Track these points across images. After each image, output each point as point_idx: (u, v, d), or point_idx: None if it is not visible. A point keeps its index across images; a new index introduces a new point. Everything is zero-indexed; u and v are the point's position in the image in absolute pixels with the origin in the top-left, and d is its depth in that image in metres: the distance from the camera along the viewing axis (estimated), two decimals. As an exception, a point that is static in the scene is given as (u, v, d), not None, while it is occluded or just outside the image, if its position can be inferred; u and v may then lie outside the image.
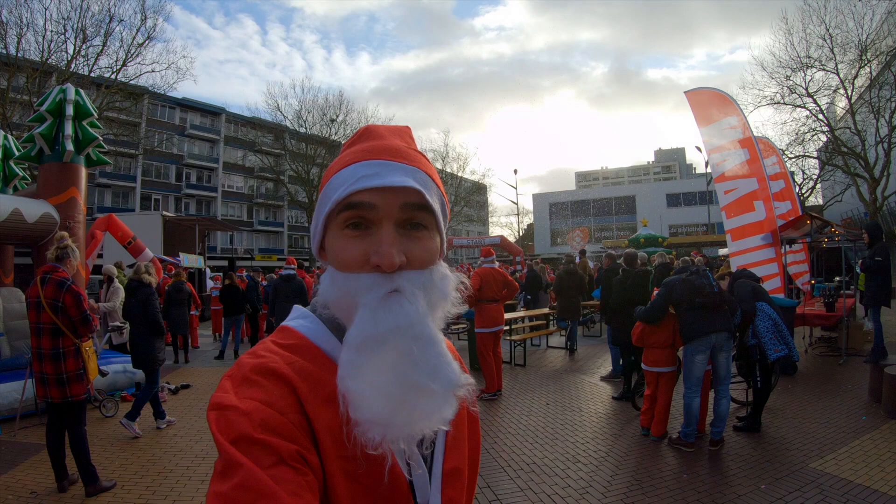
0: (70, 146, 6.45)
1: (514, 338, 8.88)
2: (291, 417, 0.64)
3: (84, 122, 6.79)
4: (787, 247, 11.73)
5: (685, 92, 10.56)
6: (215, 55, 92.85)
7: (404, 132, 0.82)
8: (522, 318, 10.81)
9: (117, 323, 6.95)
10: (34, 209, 6.17)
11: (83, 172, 6.82)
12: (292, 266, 8.90)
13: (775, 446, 4.86)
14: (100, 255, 12.03)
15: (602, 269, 8.05)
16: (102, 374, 5.94)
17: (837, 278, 9.57)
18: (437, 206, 0.75)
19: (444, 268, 0.77)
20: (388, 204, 0.70)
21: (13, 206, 5.95)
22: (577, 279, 9.74)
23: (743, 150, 9.84)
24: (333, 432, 0.67)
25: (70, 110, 6.58)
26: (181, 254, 15.72)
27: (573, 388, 7.28)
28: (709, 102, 10.39)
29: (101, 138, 6.95)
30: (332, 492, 0.67)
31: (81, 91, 6.93)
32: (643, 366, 5.25)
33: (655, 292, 5.32)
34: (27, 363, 5.88)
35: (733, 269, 9.42)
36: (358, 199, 0.70)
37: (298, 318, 0.79)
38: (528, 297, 13.27)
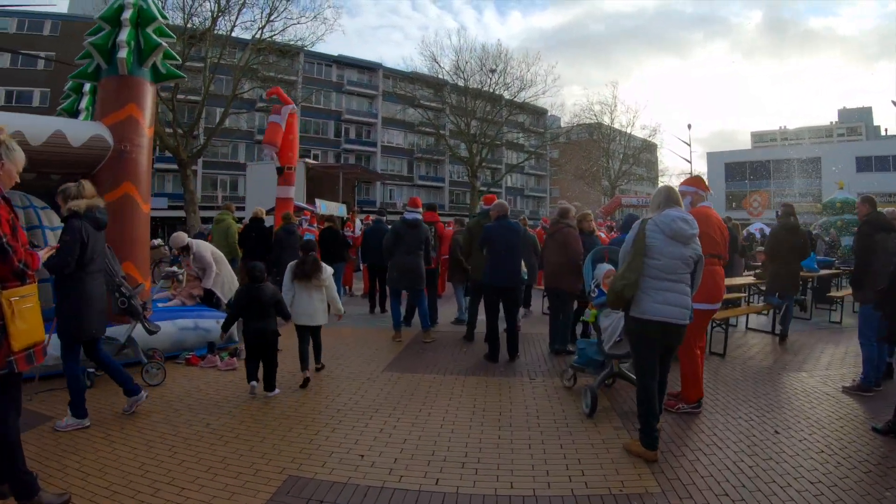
0: (122, 54, 5.31)
1: (716, 316, 5.97)
2: None
3: (148, 29, 5.66)
4: None
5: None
6: (368, 21, 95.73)
7: None
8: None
9: (174, 269, 5.88)
10: (81, 131, 5.17)
11: (147, 87, 5.69)
12: (417, 209, 7.05)
13: None
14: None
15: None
16: (150, 331, 4.82)
17: None
18: None
19: None
20: None
21: (53, 127, 4.97)
22: (800, 238, 6.75)
23: None
24: None
25: (127, 14, 5.44)
26: (317, 200, 15.08)
27: (800, 399, 4.66)
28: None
29: (166, 45, 5.76)
30: None
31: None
32: None
33: None
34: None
35: None
36: None
37: None
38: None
